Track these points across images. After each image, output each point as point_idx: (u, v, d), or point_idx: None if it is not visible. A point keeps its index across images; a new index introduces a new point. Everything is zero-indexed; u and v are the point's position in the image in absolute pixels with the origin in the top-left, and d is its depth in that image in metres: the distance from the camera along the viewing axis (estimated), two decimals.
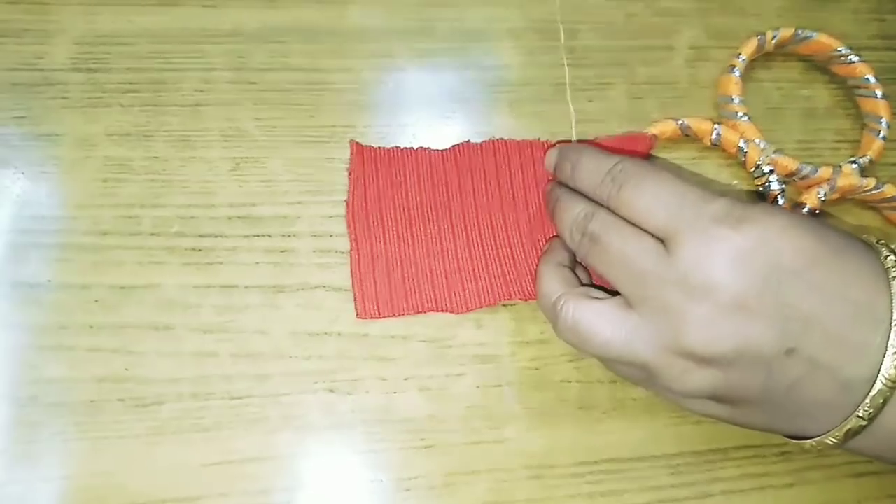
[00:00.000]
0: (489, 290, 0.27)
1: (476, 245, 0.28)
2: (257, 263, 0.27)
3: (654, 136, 0.29)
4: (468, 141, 0.29)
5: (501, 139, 0.29)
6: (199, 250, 0.27)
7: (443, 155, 0.29)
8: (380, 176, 0.28)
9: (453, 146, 0.29)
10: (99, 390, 0.25)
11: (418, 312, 0.27)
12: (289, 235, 0.28)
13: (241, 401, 0.26)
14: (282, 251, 0.27)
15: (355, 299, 0.27)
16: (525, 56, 0.31)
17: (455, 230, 0.28)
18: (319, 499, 0.25)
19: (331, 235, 0.28)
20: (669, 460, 0.27)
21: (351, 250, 0.27)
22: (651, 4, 0.33)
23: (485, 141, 0.29)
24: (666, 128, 0.30)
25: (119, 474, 0.25)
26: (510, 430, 0.26)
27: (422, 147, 0.29)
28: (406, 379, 0.27)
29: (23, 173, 0.27)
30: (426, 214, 0.28)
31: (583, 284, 0.25)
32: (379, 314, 0.27)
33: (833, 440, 0.22)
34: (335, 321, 0.27)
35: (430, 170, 0.29)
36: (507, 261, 0.28)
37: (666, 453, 0.27)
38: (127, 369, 0.26)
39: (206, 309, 0.26)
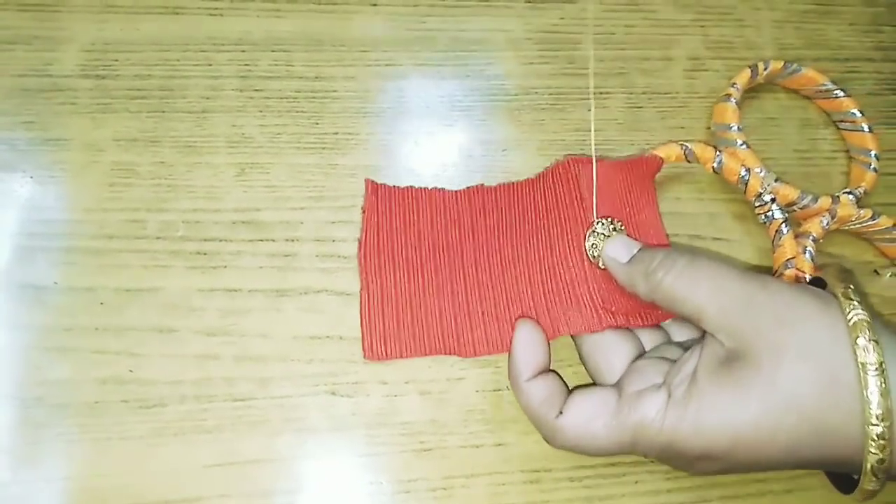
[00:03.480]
0: (498, 336, 0.27)
1: (486, 289, 0.27)
2: (261, 268, 0.27)
3: (661, 159, 0.29)
4: (482, 184, 0.29)
5: (515, 182, 0.29)
6: (204, 254, 0.27)
7: (456, 195, 0.29)
8: (393, 215, 0.28)
9: (467, 188, 0.29)
10: (103, 392, 0.26)
11: (426, 355, 0.27)
12: (292, 240, 0.28)
13: (243, 403, 0.26)
14: (285, 256, 0.28)
15: (363, 339, 0.27)
16: (525, 66, 0.32)
17: (466, 272, 0.28)
18: (320, 501, 0.25)
19: (333, 241, 0.28)
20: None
21: (361, 289, 0.27)
22: (650, 16, 0.34)
23: (499, 184, 0.29)
24: (671, 152, 0.29)
25: (121, 475, 0.25)
26: (509, 434, 0.27)
27: (436, 188, 0.29)
28: (406, 382, 0.27)
29: (31, 177, 0.28)
30: (438, 255, 0.28)
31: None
32: (386, 355, 0.27)
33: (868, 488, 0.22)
34: (337, 325, 0.27)
35: (444, 209, 0.29)
36: (515, 305, 0.27)
37: None
38: (131, 371, 0.26)
39: (210, 312, 0.27)
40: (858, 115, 0.32)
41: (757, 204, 0.30)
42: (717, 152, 0.29)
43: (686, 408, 0.23)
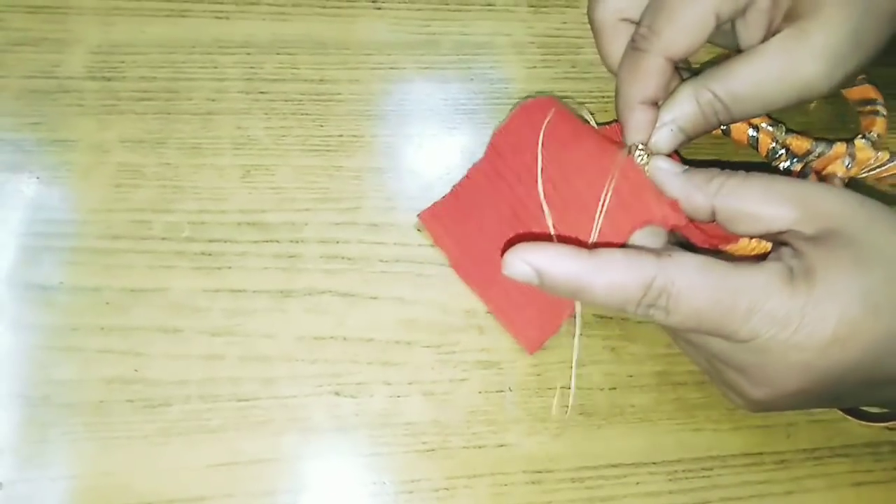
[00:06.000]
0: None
1: (566, 220, 0.26)
2: (266, 268, 0.28)
3: None
4: (494, 131, 0.29)
5: (520, 104, 0.29)
6: (209, 255, 0.28)
7: (487, 158, 0.29)
8: (460, 223, 0.28)
9: (489, 143, 0.29)
10: (108, 391, 0.26)
11: (571, 313, 0.26)
12: (297, 241, 0.28)
13: (247, 403, 0.26)
14: (290, 257, 0.28)
15: (519, 340, 0.27)
16: (528, 69, 0.32)
17: (541, 223, 0.26)
18: (323, 500, 0.26)
19: (337, 242, 0.28)
20: (668, 467, 0.27)
21: (486, 304, 0.27)
22: None
23: (504, 123, 0.29)
24: None
25: (126, 474, 0.25)
26: (511, 434, 0.27)
27: (468, 169, 0.29)
28: (410, 383, 0.27)
29: (38, 178, 0.28)
30: (517, 225, 0.27)
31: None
32: (545, 337, 0.26)
33: None
34: (341, 326, 0.27)
35: (488, 182, 0.28)
36: (587, 230, 0.26)
37: (665, 460, 0.27)
38: (136, 371, 0.26)
39: (215, 312, 0.27)
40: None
41: (772, 158, 0.29)
42: None
43: (811, 275, 0.21)
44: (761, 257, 0.24)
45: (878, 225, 0.22)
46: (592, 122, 0.28)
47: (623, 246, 0.25)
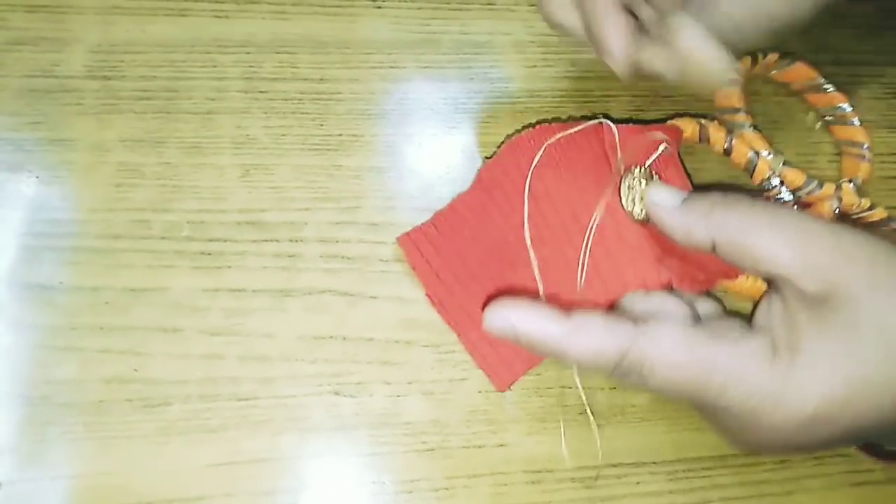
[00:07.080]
0: (596, 298, 0.26)
1: (552, 263, 0.26)
2: (265, 268, 0.28)
3: (681, 129, 0.29)
4: (484, 161, 0.29)
5: (509, 140, 0.29)
6: (209, 254, 0.28)
7: (473, 192, 0.28)
8: (439, 253, 0.27)
9: (475, 177, 0.29)
10: (108, 391, 0.26)
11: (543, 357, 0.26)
12: (296, 241, 0.28)
13: (247, 402, 0.26)
14: (289, 256, 0.28)
15: (490, 379, 0.26)
16: (528, 68, 0.32)
17: (524, 263, 0.27)
18: (323, 500, 0.26)
19: (337, 241, 0.28)
20: (668, 466, 0.27)
21: (459, 337, 0.27)
22: None
23: (494, 153, 0.29)
24: (687, 126, 0.30)
25: (126, 474, 0.25)
26: (511, 434, 0.27)
27: (453, 198, 0.28)
28: (409, 383, 0.27)
29: (37, 177, 0.28)
30: (500, 259, 0.27)
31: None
32: (517, 377, 0.26)
33: None
34: (341, 325, 0.27)
35: (472, 216, 0.28)
36: (572, 276, 0.26)
37: (665, 459, 0.27)
38: (136, 370, 0.26)
39: (215, 312, 0.27)
40: (848, 109, 0.32)
41: (765, 188, 0.30)
42: (729, 134, 0.30)
43: (796, 350, 0.20)
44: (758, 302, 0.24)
45: (887, 285, 0.20)
46: (612, 126, 0.28)
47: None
